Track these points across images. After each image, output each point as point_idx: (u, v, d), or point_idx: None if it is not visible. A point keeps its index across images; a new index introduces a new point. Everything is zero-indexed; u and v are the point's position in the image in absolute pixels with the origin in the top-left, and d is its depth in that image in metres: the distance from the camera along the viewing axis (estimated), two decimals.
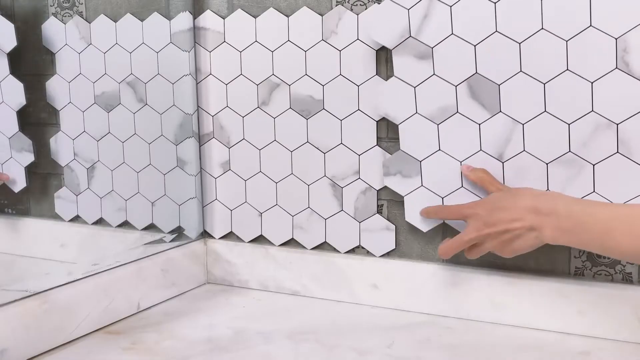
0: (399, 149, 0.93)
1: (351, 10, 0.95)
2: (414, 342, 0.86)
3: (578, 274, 0.89)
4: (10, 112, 1.00)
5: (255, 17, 1.02)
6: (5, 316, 0.78)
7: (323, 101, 0.99)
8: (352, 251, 1.01)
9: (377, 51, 0.94)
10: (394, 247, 0.97)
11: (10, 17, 1.00)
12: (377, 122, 0.96)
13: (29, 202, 1.06)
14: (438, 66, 0.89)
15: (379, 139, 0.97)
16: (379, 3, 0.92)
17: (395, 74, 0.91)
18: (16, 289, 0.82)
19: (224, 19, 1.04)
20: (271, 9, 1.00)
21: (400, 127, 0.92)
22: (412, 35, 0.89)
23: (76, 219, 1.07)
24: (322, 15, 0.97)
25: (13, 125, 1.01)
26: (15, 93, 1.00)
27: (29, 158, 1.02)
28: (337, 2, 0.96)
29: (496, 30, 0.85)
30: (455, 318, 0.93)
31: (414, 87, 0.90)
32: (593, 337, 0.86)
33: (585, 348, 0.83)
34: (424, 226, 0.93)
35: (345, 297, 1.00)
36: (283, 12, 1.00)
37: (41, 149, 1.03)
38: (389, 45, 0.91)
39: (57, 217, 1.07)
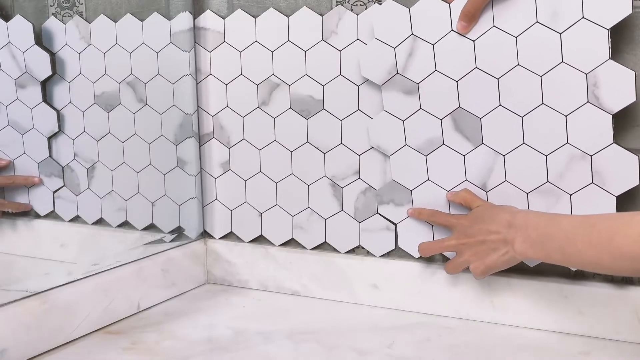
0: (392, 179, 0.95)
1: (351, 10, 0.95)
2: (414, 342, 0.86)
3: (578, 274, 0.89)
4: (41, 138, 1.02)
5: (255, 17, 1.02)
6: (5, 316, 0.78)
7: (323, 101, 0.99)
8: (352, 251, 1.01)
9: None
10: (394, 247, 0.97)
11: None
12: None
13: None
14: (424, 101, 0.92)
15: None
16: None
17: (384, 108, 0.94)
18: (16, 289, 0.82)
19: (224, 19, 1.04)
20: (271, 9, 1.00)
21: (391, 158, 0.95)
22: (399, 72, 0.92)
23: (76, 219, 1.08)
24: (322, 15, 0.97)
25: (43, 150, 1.02)
26: (47, 120, 1.02)
27: (58, 183, 1.03)
28: (337, 2, 0.96)
29: (476, 67, 0.88)
30: (455, 318, 0.93)
31: (403, 121, 0.93)
32: (593, 337, 0.86)
33: (585, 348, 0.83)
34: (418, 253, 0.93)
35: (345, 297, 1.00)
36: (283, 12, 1.00)
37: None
38: (378, 82, 0.94)
39: (57, 217, 1.07)
